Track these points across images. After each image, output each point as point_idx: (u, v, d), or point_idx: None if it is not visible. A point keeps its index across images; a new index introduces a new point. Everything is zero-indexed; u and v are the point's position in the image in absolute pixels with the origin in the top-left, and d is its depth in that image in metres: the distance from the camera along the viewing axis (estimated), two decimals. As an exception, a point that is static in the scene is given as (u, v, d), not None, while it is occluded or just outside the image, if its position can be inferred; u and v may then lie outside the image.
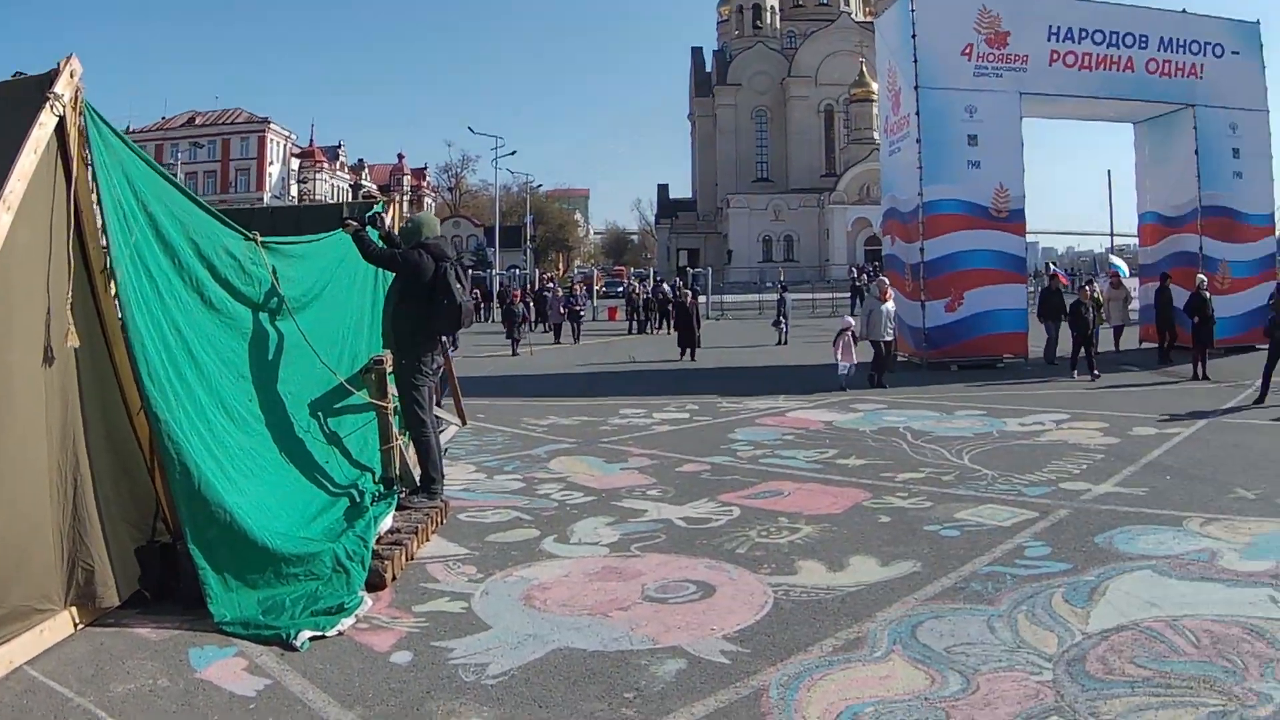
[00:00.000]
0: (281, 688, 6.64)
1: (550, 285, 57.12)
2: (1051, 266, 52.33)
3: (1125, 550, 9.76)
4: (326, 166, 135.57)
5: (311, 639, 7.39)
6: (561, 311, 45.74)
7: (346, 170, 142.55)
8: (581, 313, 48.79)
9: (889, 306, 24.49)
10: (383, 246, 11.18)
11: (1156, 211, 33.77)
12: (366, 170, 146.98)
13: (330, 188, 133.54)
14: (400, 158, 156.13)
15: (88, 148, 7.45)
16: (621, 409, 21.04)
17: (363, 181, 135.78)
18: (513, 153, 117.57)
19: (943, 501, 12.08)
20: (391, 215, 13.61)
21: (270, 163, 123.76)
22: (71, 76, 7.24)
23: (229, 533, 7.86)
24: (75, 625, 7.41)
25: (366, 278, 12.34)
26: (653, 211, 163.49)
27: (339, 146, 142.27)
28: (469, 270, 75.28)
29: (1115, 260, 45.49)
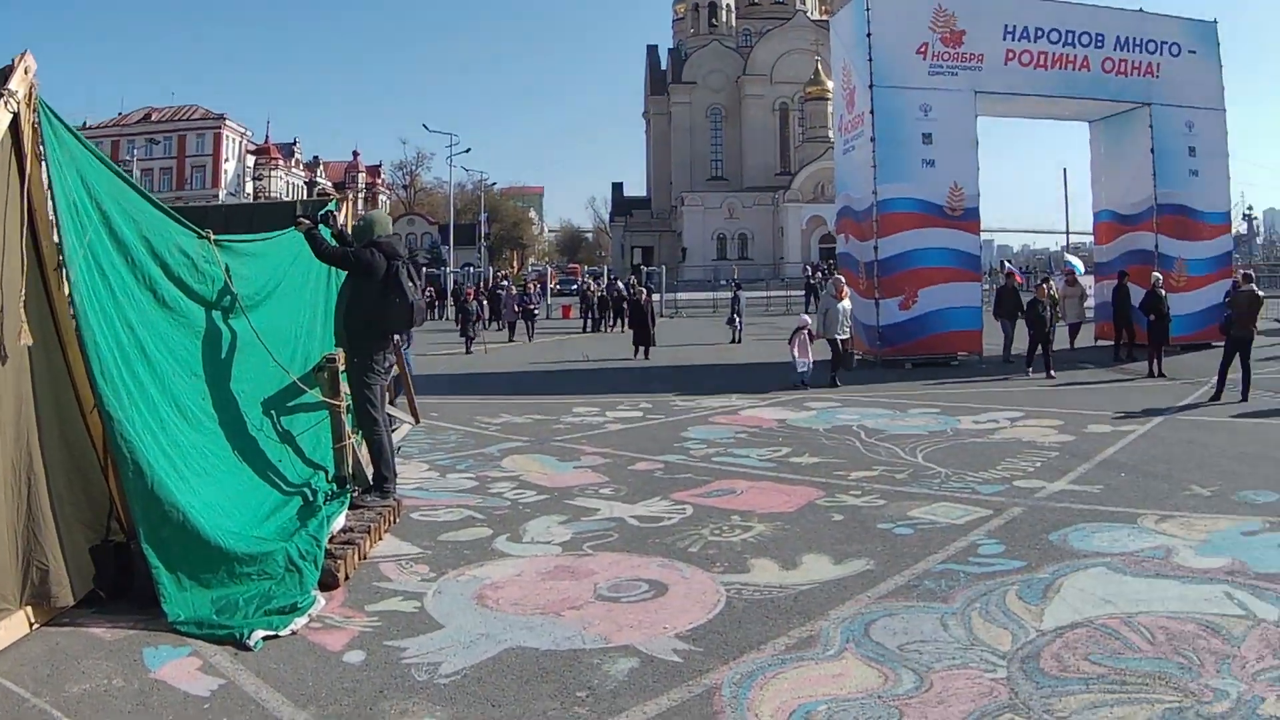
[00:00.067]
0: (235, 687, 6.63)
1: (504, 283, 57.01)
2: (1007, 265, 52.67)
3: (1079, 547, 9.83)
4: (282, 164, 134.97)
5: (265, 638, 7.38)
6: (516, 310, 45.56)
7: (302, 167, 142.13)
8: (535, 311, 48.70)
9: (845, 305, 24.55)
10: (335, 245, 11.12)
11: (1112, 210, 34.04)
12: (322, 167, 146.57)
13: (285, 185, 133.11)
14: (355, 155, 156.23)
15: (42, 145, 7.42)
16: (575, 407, 21.02)
17: (318, 179, 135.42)
18: (467, 150, 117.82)
19: (896, 500, 12.12)
20: (345, 213, 13.54)
21: (226, 160, 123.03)
22: (26, 73, 7.21)
23: (182, 532, 7.83)
24: (30, 625, 7.38)
25: (319, 276, 12.28)
26: (607, 209, 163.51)
27: (294, 144, 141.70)
28: (422, 268, 75.15)
29: (1070, 258, 45.80)
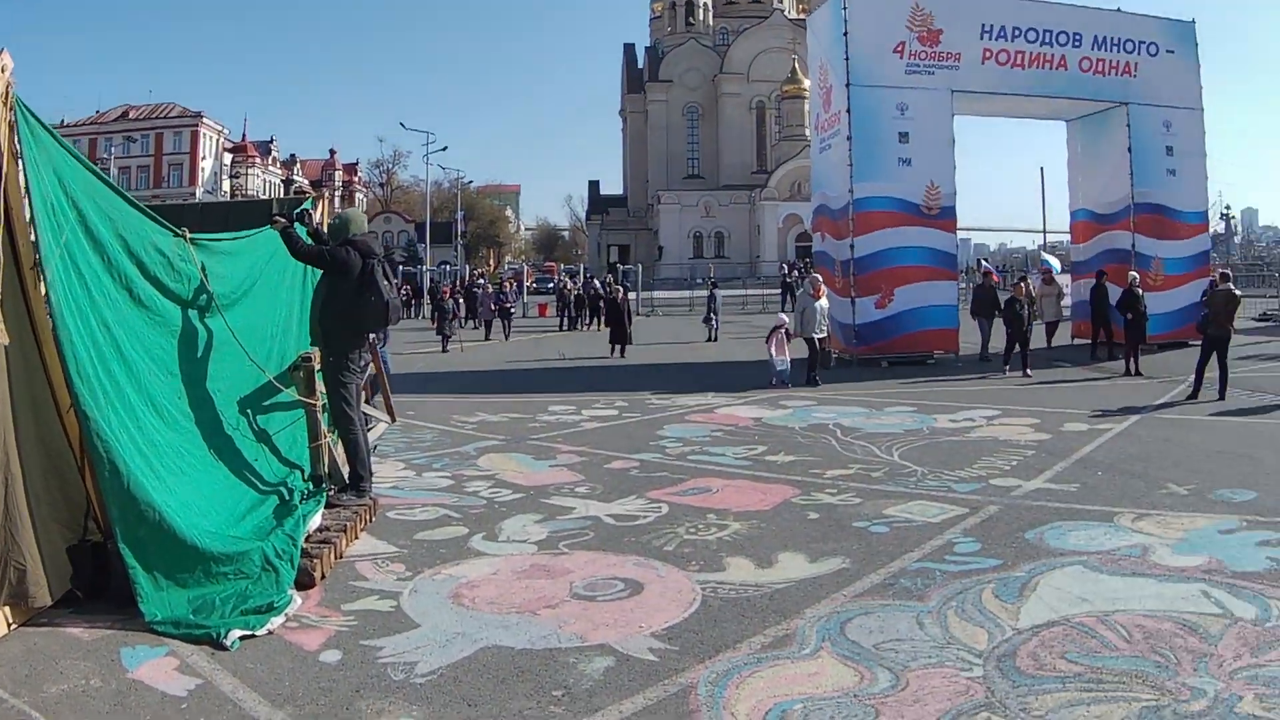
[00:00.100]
0: (212, 687, 6.63)
1: (480, 281, 56.90)
2: (983, 263, 52.60)
3: (1056, 546, 9.88)
4: (259, 162, 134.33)
5: (241, 638, 7.39)
6: (492, 308, 45.44)
7: (279, 166, 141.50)
8: (512, 309, 48.56)
9: (822, 304, 24.56)
10: (311, 243, 11.13)
11: (1089, 209, 34.15)
12: (298, 165, 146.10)
13: (262, 183, 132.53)
14: (332, 153, 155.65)
15: (18, 143, 7.37)
16: (550, 406, 21.04)
17: (294, 177, 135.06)
18: (444, 148, 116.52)
19: (872, 498, 12.18)
20: (321, 211, 13.52)
21: (203, 158, 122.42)
22: (3, 71, 7.17)
23: (159, 532, 7.82)
24: (8, 625, 7.37)
25: (295, 275, 12.24)
26: (584, 208, 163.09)
27: (271, 142, 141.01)
28: (399, 266, 75.09)
29: (1047, 257, 45.75)
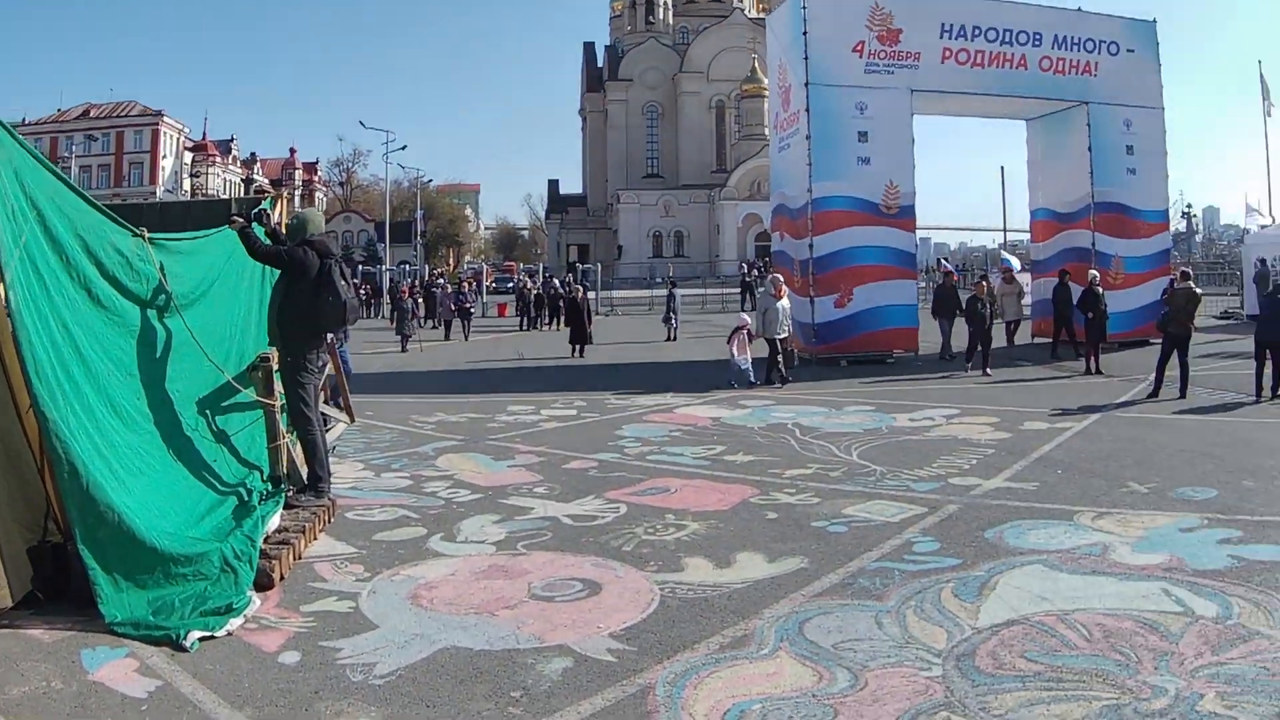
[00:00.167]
0: (172, 689, 6.63)
1: (440, 281, 56.82)
2: (943, 263, 52.75)
3: (1015, 545, 9.93)
4: (219, 160, 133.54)
5: (201, 639, 7.39)
6: (451, 308, 45.32)
7: (239, 164, 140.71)
8: (471, 309, 48.44)
9: (784, 304, 24.52)
10: (268, 243, 11.09)
11: (1049, 208, 34.39)
12: (259, 164, 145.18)
13: (223, 182, 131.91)
14: (292, 152, 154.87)
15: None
16: (509, 406, 21.05)
17: (254, 176, 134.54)
18: (403, 147, 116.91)
19: (830, 498, 12.20)
20: (280, 211, 13.47)
21: (163, 156, 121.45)
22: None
23: (118, 533, 7.79)
24: (-30, 627, 7.29)
25: (254, 275, 12.23)
26: (543, 207, 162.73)
27: (231, 140, 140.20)
28: (358, 266, 74.94)
29: (1007, 255, 45.92)
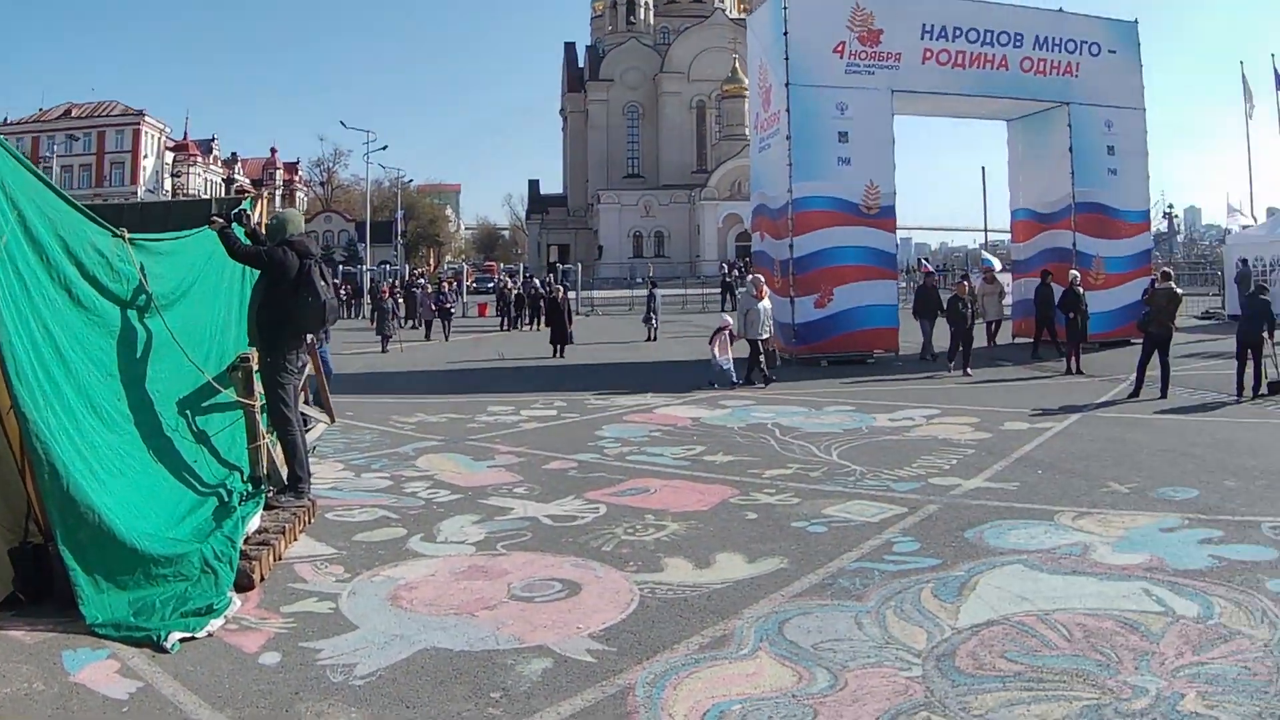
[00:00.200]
0: (153, 690, 6.63)
1: (420, 281, 56.76)
2: (923, 263, 52.82)
3: (996, 545, 9.96)
4: (200, 160, 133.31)
5: (181, 640, 7.39)
6: (432, 308, 45.34)
7: (220, 164, 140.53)
8: (451, 309, 48.44)
9: (765, 304, 24.54)
10: (248, 244, 11.13)
11: (1029, 208, 34.53)
12: (240, 164, 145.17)
13: (204, 182, 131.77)
14: (273, 152, 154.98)
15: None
16: (489, 406, 21.07)
17: (235, 176, 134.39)
18: (384, 147, 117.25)
19: (810, 498, 12.23)
20: (261, 210, 13.47)
21: (145, 156, 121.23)
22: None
23: (99, 534, 7.79)
24: (-47, 628, 7.28)
25: (234, 275, 12.19)
26: (524, 207, 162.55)
27: (213, 140, 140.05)
28: (339, 266, 74.85)
29: (987, 255, 46.01)
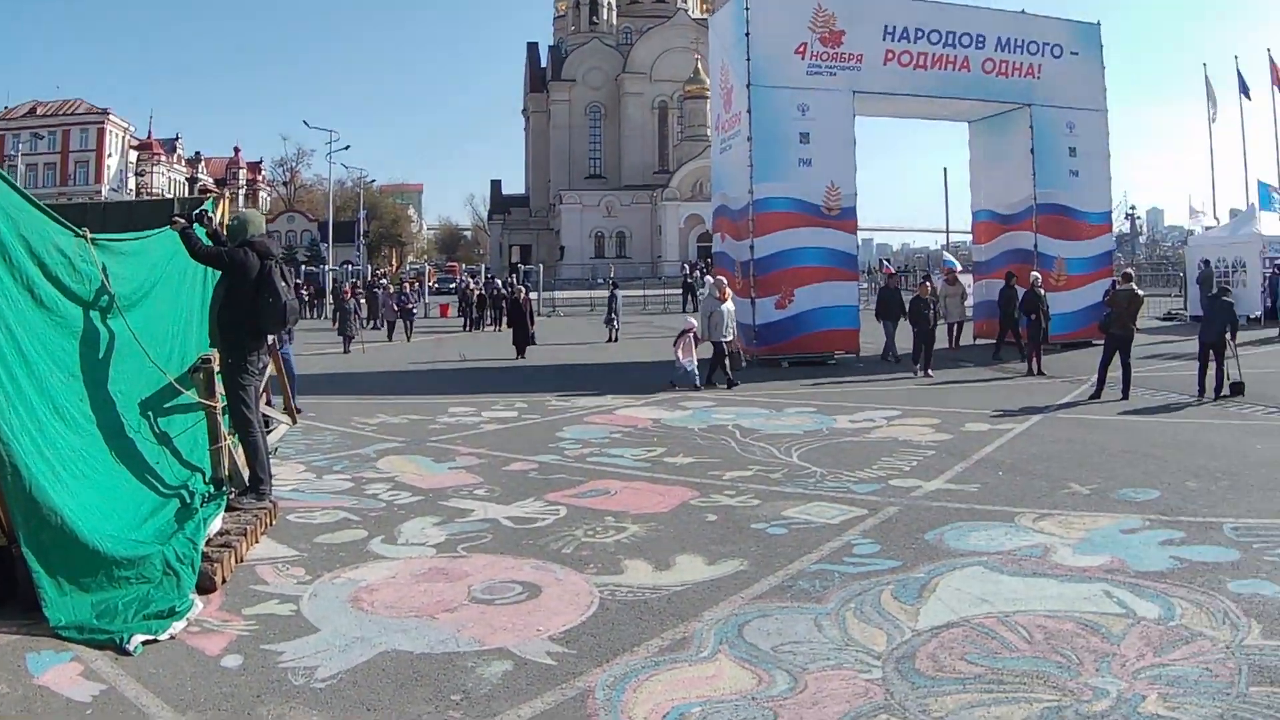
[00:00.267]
0: (117, 693, 6.65)
1: (383, 282, 56.63)
2: (885, 264, 52.94)
3: (956, 547, 10.03)
4: (164, 159, 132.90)
5: (144, 642, 7.40)
6: (394, 309, 45.20)
7: (183, 163, 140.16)
8: (413, 310, 48.37)
9: (728, 306, 24.55)
10: (209, 244, 11.14)
11: (991, 209, 34.76)
12: (203, 163, 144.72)
13: (167, 180, 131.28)
14: (236, 151, 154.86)
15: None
16: (451, 408, 21.07)
17: (199, 175, 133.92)
18: (347, 147, 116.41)
19: (770, 499, 12.28)
20: (222, 211, 13.45)
21: (109, 155, 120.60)
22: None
23: (61, 536, 7.77)
24: (-82, 631, 7.27)
25: (196, 275, 12.20)
26: (486, 207, 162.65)
27: (176, 139, 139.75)
28: (301, 266, 74.64)
29: (949, 256, 46.19)
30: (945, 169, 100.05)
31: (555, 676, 6.88)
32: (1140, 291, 21.87)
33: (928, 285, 28.68)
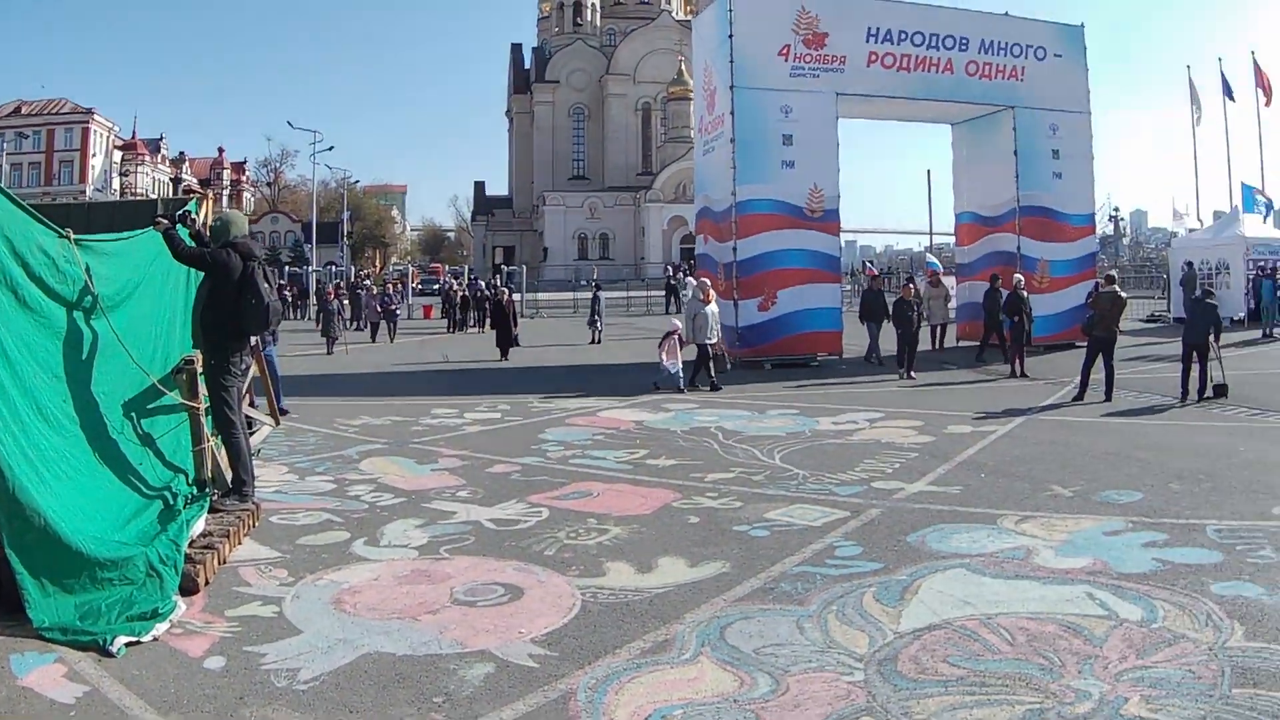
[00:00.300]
0: (100, 695, 6.64)
1: (366, 283, 56.49)
2: (869, 266, 53.00)
3: (938, 549, 10.06)
4: (148, 160, 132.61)
5: (127, 644, 7.39)
6: (378, 310, 44.98)
7: (168, 164, 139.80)
8: (397, 311, 48.22)
9: (713, 309, 24.54)
10: (192, 245, 11.11)
11: (974, 211, 34.93)
12: (187, 164, 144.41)
13: (151, 181, 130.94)
14: (221, 151, 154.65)
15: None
16: (433, 409, 21.05)
17: (183, 175, 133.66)
18: (331, 148, 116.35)
19: (753, 501, 12.28)
20: (206, 211, 13.41)
21: (93, 155, 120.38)
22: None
23: (44, 537, 7.75)
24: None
25: (179, 276, 12.17)
26: (469, 209, 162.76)
27: (161, 139, 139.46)
28: (284, 267, 74.55)
29: (932, 258, 46.27)
30: (929, 171, 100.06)
31: (537, 678, 6.88)
32: (1123, 293, 21.95)
33: (911, 287, 28.67)
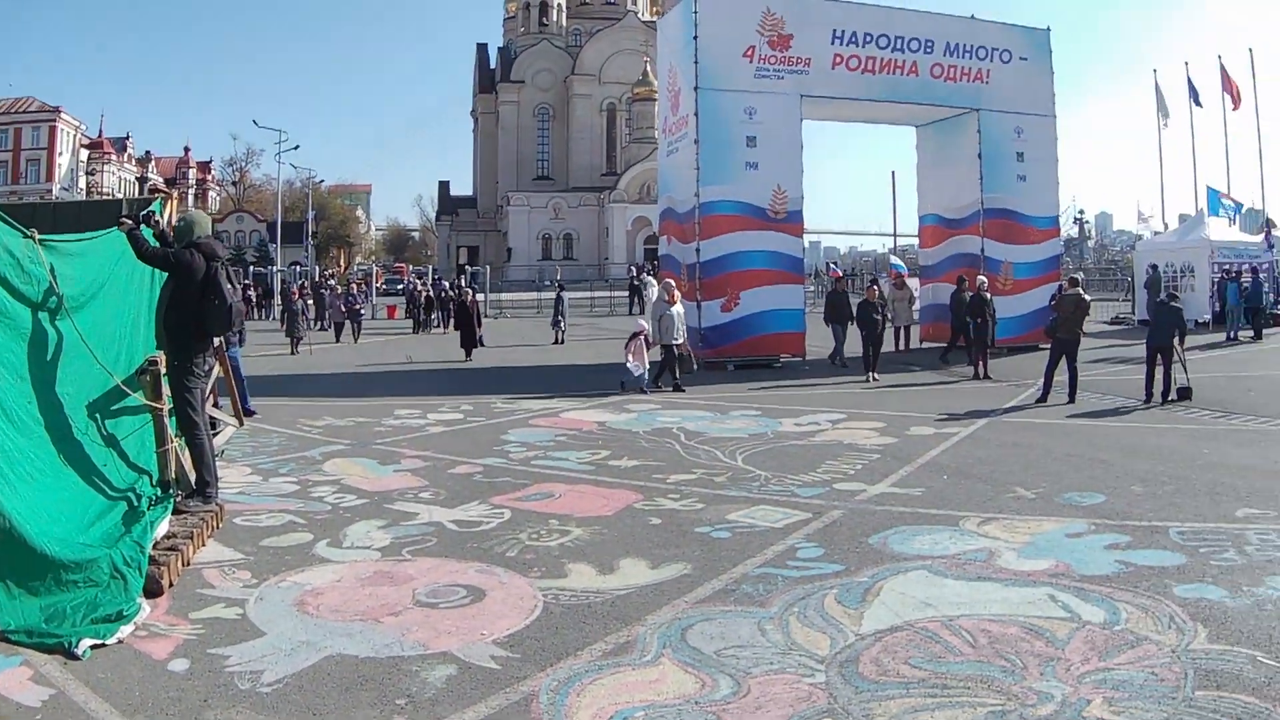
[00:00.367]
0: (66, 697, 6.66)
1: (330, 283, 56.34)
2: (831, 267, 53.15)
3: (900, 550, 10.09)
4: (115, 158, 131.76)
5: (93, 647, 7.41)
6: (342, 310, 44.81)
7: (134, 162, 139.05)
8: (361, 311, 47.94)
9: (678, 310, 24.58)
10: (156, 245, 11.10)
11: (937, 213, 35.21)
12: (153, 163, 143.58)
13: (118, 180, 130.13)
14: (186, 150, 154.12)
15: None
16: (397, 410, 21.04)
17: (149, 174, 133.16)
18: (296, 147, 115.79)
19: (714, 503, 12.31)
20: (171, 211, 13.38)
21: (60, 154, 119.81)
22: None
23: (10, 539, 7.73)
24: None
25: (144, 277, 12.16)
26: (434, 208, 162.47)
27: (127, 138, 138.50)
28: (249, 267, 74.37)
29: (896, 260, 46.44)
30: (893, 173, 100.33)
31: (499, 680, 6.92)
32: (1087, 296, 22.15)
33: (875, 289, 28.75)
